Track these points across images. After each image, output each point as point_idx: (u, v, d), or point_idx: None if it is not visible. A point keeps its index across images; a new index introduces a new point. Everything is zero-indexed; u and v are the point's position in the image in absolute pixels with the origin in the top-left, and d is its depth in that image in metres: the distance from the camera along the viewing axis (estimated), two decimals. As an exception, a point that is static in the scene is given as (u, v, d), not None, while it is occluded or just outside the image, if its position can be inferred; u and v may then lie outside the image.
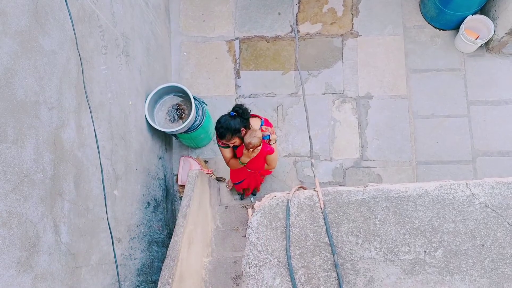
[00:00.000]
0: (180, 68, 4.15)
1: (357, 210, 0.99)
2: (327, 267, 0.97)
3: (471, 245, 0.93)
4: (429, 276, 0.93)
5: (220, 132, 2.64)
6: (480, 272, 0.92)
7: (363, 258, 0.96)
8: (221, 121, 2.66)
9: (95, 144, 2.32)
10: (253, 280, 0.98)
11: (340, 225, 0.99)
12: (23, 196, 1.68)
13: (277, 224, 1.01)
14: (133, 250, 2.79)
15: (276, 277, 0.97)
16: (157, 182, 3.44)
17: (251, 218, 1.04)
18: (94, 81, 2.41)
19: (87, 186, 2.23)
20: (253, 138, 2.65)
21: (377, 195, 1.00)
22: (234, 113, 2.66)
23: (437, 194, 0.97)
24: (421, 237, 0.95)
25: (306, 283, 0.97)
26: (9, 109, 1.64)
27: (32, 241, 1.71)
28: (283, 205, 1.03)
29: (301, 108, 4.01)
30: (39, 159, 1.81)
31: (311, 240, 0.99)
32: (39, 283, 1.74)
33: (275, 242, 1.00)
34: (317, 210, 1.01)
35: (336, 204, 1.01)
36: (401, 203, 0.98)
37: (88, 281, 2.16)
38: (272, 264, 0.98)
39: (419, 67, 3.99)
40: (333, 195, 1.02)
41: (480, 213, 0.95)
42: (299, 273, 0.97)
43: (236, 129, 2.62)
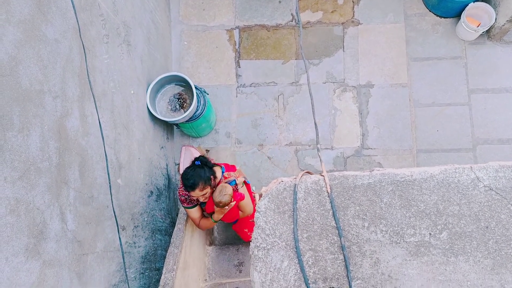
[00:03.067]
0: (180, 57, 4.13)
1: (363, 194, 1.01)
2: (334, 249, 0.99)
3: (475, 227, 0.95)
4: (434, 258, 0.95)
5: (192, 183, 2.40)
6: (484, 253, 0.94)
7: (369, 241, 0.98)
8: (188, 171, 2.46)
9: (98, 133, 2.33)
10: (262, 263, 1.00)
11: (347, 208, 1.01)
12: (30, 184, 1.70)
13: (285, 208, 1.03)
14: (137, 238, 2.82)
15: (284, 259, 1.00)
16: (159, 171, 3.46)
17: (259, 202, 1.06)
18: (96, 70, 2.41)
19: (92, 174, 2.25)
20: (223, 196, 2.44)
21: (382, 179, 1.01)
22: (199, 162, 2.53)
23: (442, 178, 0.99)
24: (426, 220, 0.97)
25: (313, 265, 0.99)
26: (15, 98, 1.65)
27: (39, 228, 1.74)
28: (290, 189, 1.04)
29: (302, 97, 4.01)
30: (45, 148, 1.82)
31: (318, 224, 1.01)
32: (47, 270, 1.77)
33: (282, 226, 1.02)
34: (323, 194, 1.02)
35: (342, 189, 1.02)
36: (406, 187, 1.00)
37: (94, 268, 2.20)
38: (280, 247, 1.00)
39: (420, 55, 3.98)
40: (340, 180, 1.03)
41: (485, 196, 0.97)
42: (306, 256, 0.99)
43: (207, 177, 2.45)
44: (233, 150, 3.96)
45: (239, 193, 2.62)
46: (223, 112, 4.03)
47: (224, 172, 2.67)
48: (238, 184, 2.66)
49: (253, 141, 3.96)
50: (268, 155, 3.91)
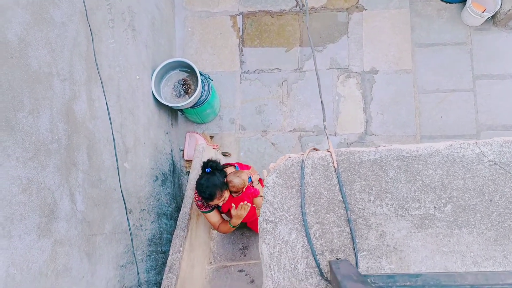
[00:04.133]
0: (184, 43, 4.13)
1: (369, 169, 1.03)
2: (341, 222, 1.02)
3: (479, 201, 0.98)
4: (438, 230, 0.98)
5: (209, 193, 2.37)
6: (488, 225, 0.97)
7: (375, 214, 1.01)
8: (203, 183, 2.40)
9: (105, 117, 2.36)
10: (270, 236, 1.03)
11: (353, 183, 1.03)
12: (41, 164, 1.73)
13: (292, 183, 1.05)
14: (144, 221, 2.86)
15: (292, 232, 1.03)
16: (164, 157, 3.50)
17: (267, 178, 1.08)
18: (102, 55, 2.43)
19: (99, 157, 2.28)
20: (236, 178, 2.46)
21: (388, 155, 1.04)
22: (210, 169, 2.46)
23: (447, 153, 1.01)
24: (431, 194, 1.00)
25: (320, 237, 1.02)
26: (25, 79, 1.67)
27: (50, 208, 1.77)
28: (297, 165, 1.07)
29: (306, 83, 4.02)
30: (54, 129, 1.85)
31: (325, 198, 1.03)
32: (58, 248, 1.81)
33: (290, 200, 1.04)
34: (330, 169, 1.05)
35: (349, 164, 1.05)
36: (412, 162, 1.02)
37: (103, 249, 2.24)
38: (288, 221, 1.03)
39: (424, 41, 3.97)
40: (346, 156, 1.06)
41: (489, 170, 0.99)
42: (313, 229, 1.02)
43: (221, 182, 2.41)
44: (237, 136, 3.99)
45: (254, 188, 2.63)
46: (227, 98, 4.04)
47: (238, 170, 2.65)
48: (253, 181, 2.66)
49: (257, 127, 3.98)
50: (272, 141, 3.94)
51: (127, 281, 2.51)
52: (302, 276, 1.01)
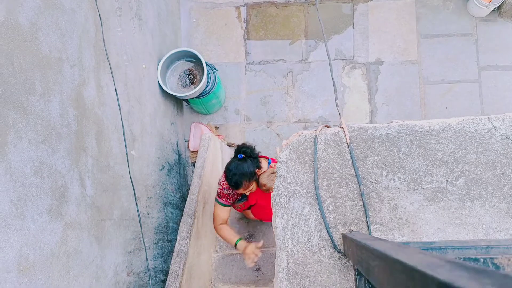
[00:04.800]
0: (189, 34, 4.14)
1: (382, 144, 1.05)
2: (353, 196, 1.03)
3: (491, 174, 0.99)
4: (450, 203, 0.99)
5: (235, 181, 2.18)
6: (500, 198, 0.98)
7: (387, 188, 1.02)
8: (231, 168, 2.21)
9: (113, 104, 2.38)
10: (284, 209, 1.04)
11: (366, 158, 1.05)
12: (52, 148, 1.75)
13: (305, 159, 1.07)
14: (150, 209, 2.89)
15: (305, 206, 1.04)
16: (170, 147, 3.51)
17: (280, 153, 1.10)
18: (110, 42, 2.44)
19: (108, 144, 2.30)
20: (270, 181, 2.26)
21: (401, 130, 1.05)
22: (242, 155, 2.26)
23: (459, 128, 1.02)
24: (443, 168, 1.01)
25: (333, 211, 1.03)
26: (36, 63, 1.69)
27: (61, 191, 1.79)
28: (310, 141, 1.08)
29: (311, 74, 4.02)
30: (64, 114, 1.87)
31: (338, 173, 1.05)
32: (69, 231, 1.83)
33: (303, 175, 1.06)
34: (343, 145, 1.06)
35: (361, 139, 1.06)
36: (424, 137, 1.03)
37: (112, 234, 2.26)
38: (301, 195, 1.05)
39: (430, 32, 3.96)
40: (359, 131, 1.07)
41: (501, 145, 1.00)
42: (326, 202, 1.03)
43: (251, 172, 2.21)
44: (242, 127, 4.00)
45: None
46: (232, 89, 4.05)
47: (270, 164, 2.48)
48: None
49: (262, 118, 3.99)
50: (277, 132, 3.95)
51: (135, 267, 2.53)
52: (316, 249, 1.03)
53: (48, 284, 1.66)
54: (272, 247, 3.04)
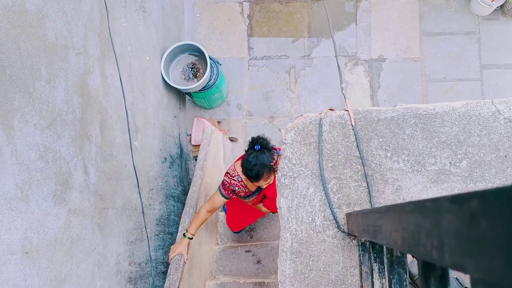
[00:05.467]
0: (193, 29, 4.15)
1: (387, 127, 1.06)
2: (358, 177, 1.04)
3: (495, 156, 1.00)
4: (453, 184, 1.00)
5: (256, 172, 2.12)
6: (502, 180, 0.99)
7: (391, 170, 1.03)
8: (251, 160, 2.14)
9: (117, 94, 2.39)
10: (288, 190, 1.05)
11: (370, 140, 1.06)
12: (57, 133, 1.76)
13: (310, 140, 1.08)
14: (152, 200, 2.90)
15: (309, 187, 1.05)
16: (172, 140, 3.53)
17: (285, 135, 1.11)
18: (115, 33, 2.45)
19: (111, 133, 2.31)
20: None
21: (405, 113, 1.06)
22: (259, 146, 2.20)
23: (463, 111, 1.03)
24: (447, 150, 1.02)
25: (337, 191, 1.04)
26: (42, 49, 1.70)
27: (65, 177, 1.81)
28: (316, 123, 1.09)
29: (314, 70, 4.03)
30: (69, 101, 1.88)
31: (342, 154, 1.06)
32: (73, 217, 1.84)
33: (308, 156, 1.07)
34: (348, 127, 1.07)
35: (366, 122, 1.07)
36: (429, 119, 1.04)
37: (114, 223, 2.28)
38: (306, 176, 1.06)
39: (433, 30, 3.97)
40: (363, 114, 1.08)
41: (504, 128, 1.01)
42: (331, 183, 1.04)
43: (270, 163, 2.16)
44: (244, 122, 4.01)
45: None
46: (235, 84, 4.06)
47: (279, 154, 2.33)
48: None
49: (264, 113, 4.00)
50: (279, 127, 3.96)
51: (136, 257, 2.54)
52: (320, 228, 1.04)
53: (52, 268, 1.67)
54: (273, 241, 3.05)
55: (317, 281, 1.01)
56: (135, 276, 2.50)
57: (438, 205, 0.28)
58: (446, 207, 0.26)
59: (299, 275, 1.02)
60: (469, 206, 0.22)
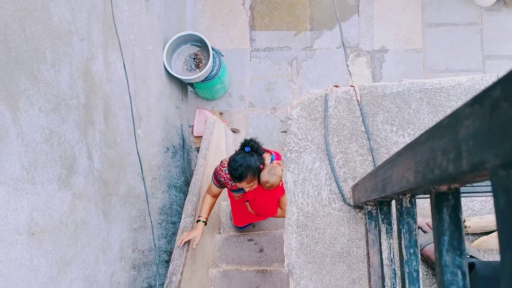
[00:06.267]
0: (195, 20, 4.15)
1: (392, 101, 1.06)
2: (363, 151, 1.05)
3: (499, 129, 1.00)
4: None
5: (240, 173, 2.11)
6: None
7: (397, 143, 1.04)
8: (237, 159, 2.15)
9: (120, 81, 2.39)
10: (294, 164, 1.06)
11: (376, 115, 1.06)
12: (61, 117, 1.77)
13: (316, 116, 1.08)
14: (155, 189, 2.91)
15: (315, 161, 1.06)
16: (174, 130, 3.53)
17: (291, 111, 1.11)
18: (118, 20, 2.45)
19: (115, 120, 2.32)
20: (272, 176, 2.19)
21: (411, 88, 1.06)
22: (250, 148, 2.21)
23: (469, 85, 1.04)
24: (452, 123, 1.02)
25: (343, 166, 1.05)
26: (46, 33, 1.70)
27: (70, 162, 1.81)
28: (321, 99, 1.10)
29: (316, 61, 4.03)
30: (73, 86, 1.89)
31: (348, 129, 1.06)
32: (77, 201, 1.85)
33: (314, 132, 1.07)
34: (353, 103, 1.08)
35: (372, 97, 1.07)
36: (434, 94, 1.04)
37: (118, 209, 2.29)
38: (312, 150, 1.06)
39: (435, 21, 3.97)
40: (369, 89, 1.08)
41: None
42: (337, 158, 1.05)
43: (257, 167, 2.16)
44: (246, 113, 4.01)
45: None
46: (237, 75, 4.06)
47: (273, 161, 2.39)
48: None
49: (266, 104, 4.00)
50: (281, 118, 3.96)
51: (140, 244, 2.56)
52: (326, 202, 1.04)
53: (57, 250, 1.68)
54: (275, 230, 3.06)
55: (322, 253, 1.02)
56: (138, 263, 2.52)
57: (456, 116, 0.29)
58: (465, 113, 0.27)
59: (305, 248, 1.03)
60: (491, 97, 0.23)
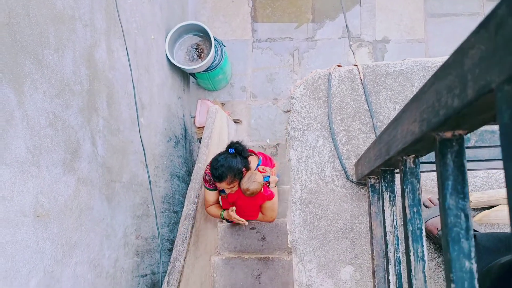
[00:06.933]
0: (196, 11, 4.14)
1: (395, 80, 1.07)
2: (366, 129, 1.06)
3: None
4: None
5: (220, 173, 2.13)
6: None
7: (400, 121, 1.05)
8: (219, 159, 2.18)
9: (123, 70, 2.40)
10: (298, 142, 1.07)
11: (379, 93, 1.07)
12: (65, 102, 1.78)
13: (319, 95, 1.09)
14: (158, 178, 2.93)
15: (319, 139, 1.07)
16: (177, 120, 3.54)
17: (295, 90, 1.12)
18: (121, 8, 2.45)
19: (118, 108, 2.33)
20: (252, 183, 2.17)
21: (414, 66, 1.07)
22: (234, 150, 2.23)
23: (471, 63, 1.04)
24: (455, 101, 1.03)
25: (346, 143, 1.06)
26: (50, 18, 1.71)
27: (74, 147, 1.83)
28: (324, 78, 1.10)
29: (318, 52, 4.03)
30: (77, 72, 1.90)
31: (351, 108, 1.07)
32: (81, 186, 1.87)
33: (317, 110, 1.08)
34: (357, 81, 1.09)
35: (375, 76, 1.08)
36: (437, 72, 1.05)
37: (121, 196, 2.30)
38: (315, 128, 1.07)
39: (437, 11, 3.96)
40: (372, 68, 1.09)
41: None
42: (340, 135, 1.06)
43: (239, 169, 2.16)
44: (248, 104, 4.02)
45: (270, 190, 2.35)
46: (239, 66, 4.06)
47: (259, 165, 2.38)
48: (271, 182, 2.35)
49: (268, 95, 4.01)
50: (282, 109, 3.97)
51: (143, 232, 2.58)
52: (329, 179, 1.06)
53: (62, 234, 1.70)
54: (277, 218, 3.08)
55: (326, 229, 1.04)
56: (142, 250, 2.54)
57: (461, 49, 0.30)
58: (470, 42, 0.28)
59: (308, 224, 1.04)
60: (497, 16, 0.24)
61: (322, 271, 1.01)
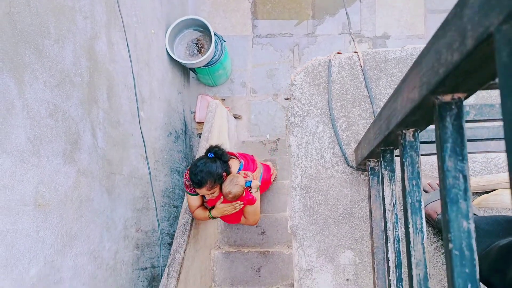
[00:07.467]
0: (196, 6, 4.14)
1: (395, 66, 1.07)
2: (366, 115, 1.06)
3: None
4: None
5: (200, 178, 2.07)
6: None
7: (399, 107, 1.05)
8: (199, 165, 2.11)
9: (124, 62, 2.40)
10: (298, 128, 1.07)
11: (379, 80, 1.07)
12: (66, 93, 1.78)
13: (319, 81, 1.09)
14: (158, 172, 2.93)
15: (319, 125, 1.07)
16: (177, 115, 3.55)
17: (295, 77, 1.12)
18: (121, 1, 2.45)
19: (118, 101, 2.33)
20: (234, 186, 2.13)
21: (414, 53, 1.07)
22: (213, 154, 2.18)
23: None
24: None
25: (346, 129, 1.06)
26: (50, 8, 1.71)
27: (74, 138, 1.83)
28: (325, 65, 1.11)
29: (318, 48, 4.03)
30: (77, 63, 1.90)
31: (351, 94, 1.08)
32: (82, 178, 1.87)
33: (317, 97, 1.09)
34: (357, 68, 1.09)
35: (375, 62, 1.08)
36: (436, 58, 1.05)
37: (122, 189, 2.31)
38: (315, 114, 1.08)
39: (437, 7, 3.96)
40: (372, 55, 1.09)
41: None
42: (340, 121, 1.06)
43: (219, 174, 2.11)
44: (248, 100, 4.02)
45: (252, 195, 2.30)
46: (239, 62, 4.06)
47: (241, 170, 2.33)
48: (252, 187, 2.29)
49: (268, 90, 4.01)
50: (282, 104, 3.97)
51: (143, 225, 2.58)
52: (329, 165, 1.06)
53: (63, 224, 1.71)
54: (277, 213, 3.08)
55: (325, 214, 1.04)
56: (142, 243, 2.54)
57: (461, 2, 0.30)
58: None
59: (308, 209, 1.04)
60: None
61: (321, 256, 1.02)
